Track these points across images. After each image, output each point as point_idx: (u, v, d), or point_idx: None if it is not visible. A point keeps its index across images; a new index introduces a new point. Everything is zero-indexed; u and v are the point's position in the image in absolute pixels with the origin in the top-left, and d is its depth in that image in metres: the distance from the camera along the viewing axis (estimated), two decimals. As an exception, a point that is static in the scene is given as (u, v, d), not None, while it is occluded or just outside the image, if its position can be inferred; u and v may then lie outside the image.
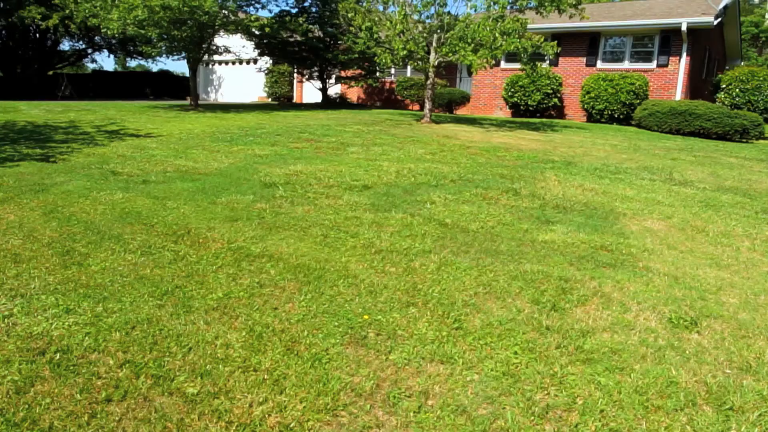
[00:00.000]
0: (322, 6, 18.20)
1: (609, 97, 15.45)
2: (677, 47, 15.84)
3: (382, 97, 22.76)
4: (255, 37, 18.28)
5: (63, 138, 8.89)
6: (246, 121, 12.37)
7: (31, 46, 29.27)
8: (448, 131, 11.21)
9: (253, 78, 27.92)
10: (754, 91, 14.65)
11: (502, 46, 11.23)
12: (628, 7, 19.53)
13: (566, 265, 3.74)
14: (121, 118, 12.30)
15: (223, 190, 5.42)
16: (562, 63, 17.80)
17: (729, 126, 12.47)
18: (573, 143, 10.15)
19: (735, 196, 6.22)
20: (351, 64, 19.02)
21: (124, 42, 28.28)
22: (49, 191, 5.23)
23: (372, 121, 12.90)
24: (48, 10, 22.60)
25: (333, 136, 9.46)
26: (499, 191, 5.75)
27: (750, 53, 35.70)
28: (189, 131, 10.08)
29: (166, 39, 15.50)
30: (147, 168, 6.47)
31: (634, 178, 6.88)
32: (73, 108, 15.11)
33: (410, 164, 7.04)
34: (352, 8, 13.06)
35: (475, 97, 19.68)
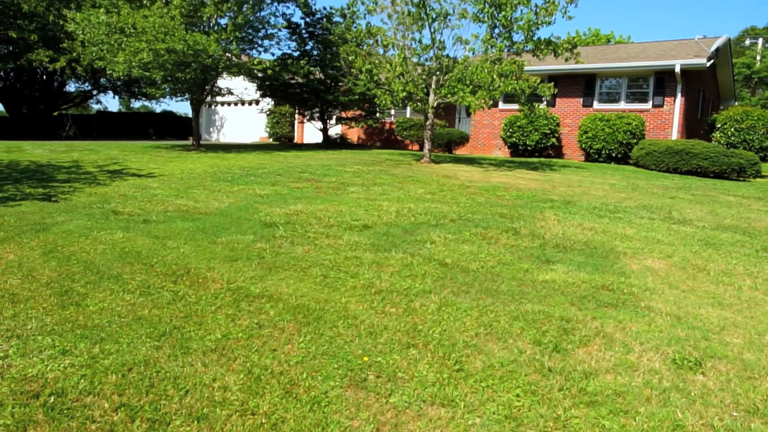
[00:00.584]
0: (324, 49, 18.64)
1: (606, 137, 15.65)
2: (672, 88, 16.15)
3: (382, 138, 23.06)
4: (257, 79, 18.65)
5: (65, 177, 8.96)
6: (247, 161, 12.49)
7: (37, 88, 29.84)
8: (447, 171, 11.30)
9: (254, 119, 28.34)
10: (749, 131, 14.85)
11: (499, 88, 11.44)
12: (623, 49, 20.00)
13: (567, 305, 3.71)
14: (123, 158, 12.42)
15: (223, 230, 5.43)
16: (559, 103, 18.10)
17: (726, 165, 12.59)
18: (571, 182, 10.22)
19: (735, 234, 6.22)
20: (351, 105, 19.35)
21: (129, 83, 28.84)
22: (50, 230, 5.24)
23: (372, 161, 13.02)
24: (56, 53, 23.17)
25: (333, 176, 9.53)
26: (498, 231, 5.76)
27: (743, 94, 36.34)
28: (190, 171, 10.17)
29: (170, 81, 15.81)
30: (148, 207, 6.49)
31: (633, 216, 6.90)
32: (76, 148, 15.28)
33: (410, 204, 7.07)
34: (353, 51, 13.37)
35: (474, 137, 19.93)
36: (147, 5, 14.40)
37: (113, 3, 15.30)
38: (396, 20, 12.61)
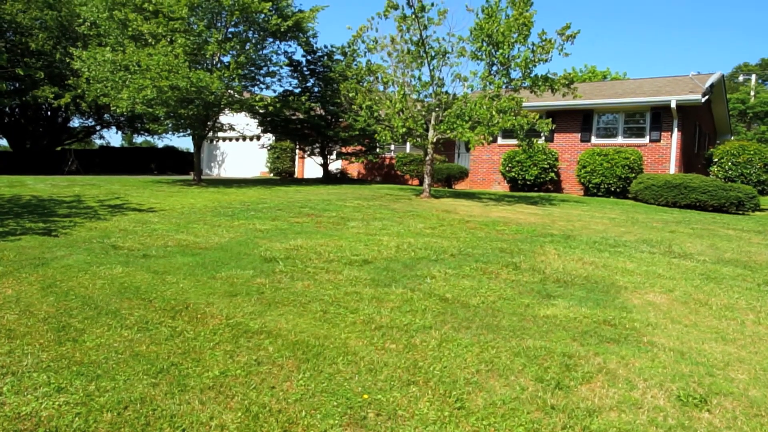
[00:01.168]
0: (325, 86, 18.93)
1: (605, 171, 15.76)
2: (668, 123, 16.35)
3: (382, 173, 23.22)
4: (259, 115, 18.89)
5: (66, 212, 8.98)
6: (248, 195, 12.55)
7: (41, 123, 30.24)
8: (447, 206, 11.34)
9: (255, 154, 28.60)
10: (746, 165, 14.97)
11: (498, 124, 11.59)
12: (619, 86, 20.34)
13: (569, 341, 3.68)
14: (124, 193, 12.48)
15: (223, 265, 5.42)
16: (557, 139, 18.30)
17: (724, 198, 12.64)
18: (571, 217, 10.24)
19: (735, 268, 6.20)
20: (352, 140, 19.54)
21: (132, 119, 29.23)
22: (49, 265, 5.23)
23: (372, 196, 13.08)
24: (61, 90, 23.57)
25: (333, 211, 9.56)
26: (499, 265, 5.75)
27: (739, 128, 36.75)
28: (191, 206, 10.20)
29: (173, 117, 16.02)
30: (148, 242, 6.49)
31: (633, 251, 6.89)
32: (78, 183, 15.37)
33: (410, 239, 7.07)
34: (354, 88, 13.58)
35: (473, 172, 20.07)
36: (152, 44, 14.70)
37: (119, 42, 15.64)
38: (396, 58, 12.87)
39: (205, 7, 14.96)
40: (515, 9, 11.93)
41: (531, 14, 11.76)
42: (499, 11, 12.16)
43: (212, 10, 15.13)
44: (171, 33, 14.65)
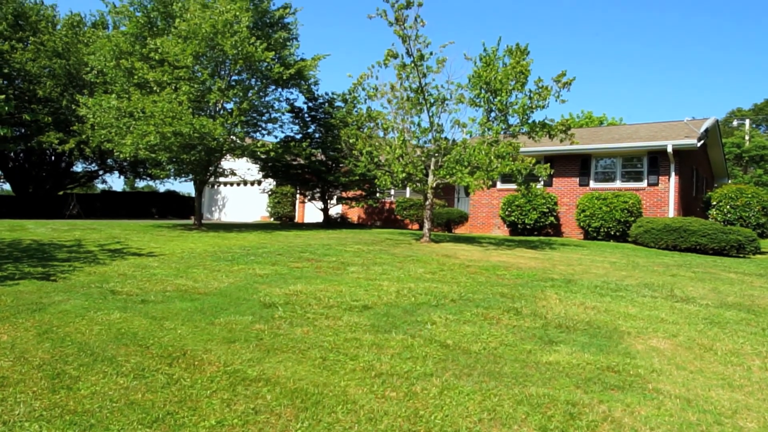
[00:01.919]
0: (325, 132, 19.23)
1: (604, 215, 15.82)
2: (665, 167, 16.53)
3: (382, 217, 23.30)
4: (260, 160, 19.12)
5: (66, 256, 8.96)
6: (248, 240, 12.55)
7: (45, 168, 30.56)
8: (447, 250, 11.33)
9: (256, 198, 28.79)
10: (744, 208, 15.04)
11: (497, 169, 11.70)
12: (615, 131, 20.65)
13: (573, 388, 3.61)
14: (125, 237, 12.49)
15: (222, 311, 5.37)
16: (556, 183, 18.45)
17: (724, 242, 12.64)
18: (572, 261, 10.22)
19: (739, 312, 6.14)
20: (352, 185, 19.71)
21: (135, 164, 29.56)
22: (46, 310, 5.19)
23: (372, 240, 13.08)
24: (66, 136, 23.95)
25: (333, 256, 9.55)
26: (500, 311, 5.70)
27: (736, 171, 37.10)
28: (191, 250, 10.19)
29: (175, 162, 16.21)
30: (147, 287, 6.46)
31: (635, 295, 6.84)
32: (79, 227, 15.40)
33: (410, 284, 7.04)
34: (354, 134, 13.79)
35: (473, 217, 20.14)
36: (157, 91, 15.02)
37: (125, 89, 15.99)
38: (395, 105, 13.11)
39: (210, 56, 15.36)
40: (512, 58, 12.24)
41: (528, 63, 12.06)
42: (497, 60, 12.47)
43: (216, 59, 15.53)
44: (176, 81, 14.99)
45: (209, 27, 14.28)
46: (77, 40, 24.74)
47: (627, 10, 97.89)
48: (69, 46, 24.52)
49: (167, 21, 16.43)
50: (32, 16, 26.47)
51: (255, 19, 16.22)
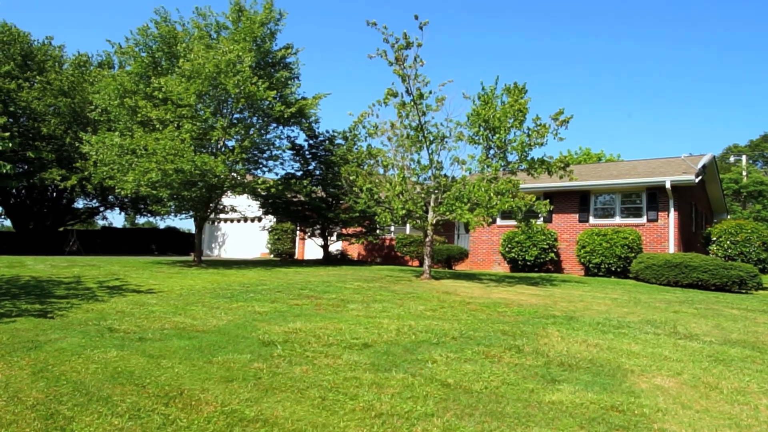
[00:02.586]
0: (326, 169, 19.38)
1: (604, 251, 15.79)
2: (664, 203, 16.59)
3: (383, 254, 23.25)
4: (261, 197, 19.20)
5: (64, 293, 8.91)
6: (247, 277, 12.49)
7: (46, 204, 30.69)
8: (447, 287, 11.27)
9: (256, 235, 28.79)
10: (744, 243, 15.03)
11: (497, 205, 11.74)
12: (614, 167, 20.82)
13: (577, 428, 3.53)
14: (124, 274, 12.44)
15: (220, 349, 5.31)
16: (555, 219, 18.48)
17: (726, 277, 12.58)
18: (573, 297, 10.15)
19: (743, 349, 6.06)
20: (352, 222, 19.74)
21: (136, 201, 29.70)
22: (42, 348, 5.13)
23: (372, 277, 13.03)
24: (68, 172, 24.15)
25: (333, 293, 9.49)
26: (501, 348, 5.63)
27: (734, 207, 37.18)
28: (190, 287, 10.14)
29: (176, 199, 16.29)
30: (145, 325, 6.40)
31: (637, 332, 6.77)
32: (78, 263, 15.36)
33: (411, 321, 6.97)
34: (354, 171, 13.89)
35: (473, 253, 20.10)
36: (159, 129, 15.22)
37: (128, 127, 16.21)
38: (395, 142, 13.26)
39: (212, 95, 15.63)
40: (510, 96, 12.44)
41: (526, 101, 12.25)
42: (495, 98, 12.68)
43: (219, 98, 15.79)
44: (178, 119, 15.21)
45: (213, 67, 14.56)
46: (83, 79, 25.22)
47: (621, 44, 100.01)
48: (75, 84, 24.98)
49: (171, 61, 16.78)
50: (39, 56, 27.07)
51: (257, 59, 16.56)
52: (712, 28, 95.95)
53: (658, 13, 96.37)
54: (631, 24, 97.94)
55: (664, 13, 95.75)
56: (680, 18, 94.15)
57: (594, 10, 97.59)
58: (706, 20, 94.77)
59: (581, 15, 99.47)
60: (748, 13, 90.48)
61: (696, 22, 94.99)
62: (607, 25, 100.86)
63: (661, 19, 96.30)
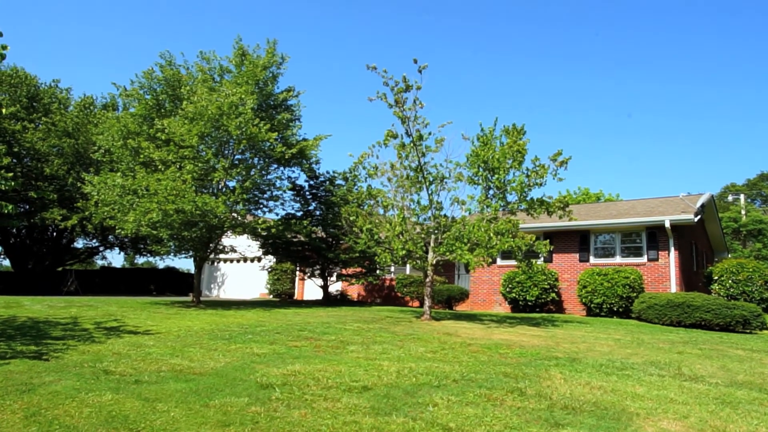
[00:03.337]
0: (326, 209, 19.46)
1: (606, 291, 15.69)
2: (664, 242, 16.58)
3: (383, 294, 23.10)
4: (261, 237, 19.21)
5: (60, 334, 8.81)
6: (246, 318, 12.38)
7: (46, 244, 30.66)
8: (448, 328, 11.15)
9: (255, 275, 28.66)
10: (746, 282, 14.95)
11: (496, 246, 11.73)
12: (613, 207, 20.90)
13: (582, 476, 3.43)
14: (122, 315, 12.32)
15: (217, 392, 5.22)
16: (556, 259, 18.43)
17: (729, 317, 12.47)
18: (575, 338, 10.03)
19: (750, 391, 5.96)
20: (352, 262, 19.69)
21: (135, 241, 29.69)
22: (36, 391, 5.03)
23: (372, 318, 12.91)
24: (69, 212, 24.22)
25: (333, 334, 9.39)
26: (503, 391, 5.53)
27: (735, 246, 37.13)
28: (188, 328, 10.03)
29: (176, 239, 16.29)
30: (141, 367, 6.30)
31: (642, 374, 6.67)
32: (75, 303, 15.23)
33: (411, 363, 6.88)
34: (355, 211, 13.94)
35: (473, 293, 19.97)
36: (161, 170, 15.35)
37: (130, 167, 16.36)
38: (395, 183, 13.35)
39: (214, 137, 15.83)
40: (509, 137, 12.60)
41: (524, 142, 12.40)
42: (494, 139, 12.84)
43: (220, 139, 15.99)
44: (180, 160, 15.37)
45: (215, 109, 14.81)
46: (87, 121, 25.60)
47: (618, 83, 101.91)
48: (79, 126, 25.34)
49: (175, 103, 17.08)
50: (46, 98, 27.56)
51: (259, 101, 16.85)
52: (706, 65, 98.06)
53: (654, 52, 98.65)
54: (627, 63, 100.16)
55: (660, 51, 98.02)
56: (676, 55, 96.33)
57: (591, 48, 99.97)
58: (701, 58, 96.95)
59: (579, 54, 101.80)
60: (744, 52, 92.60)
61: (691, 60, 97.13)
62: (604, 64, 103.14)
63: (656, 57, 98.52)
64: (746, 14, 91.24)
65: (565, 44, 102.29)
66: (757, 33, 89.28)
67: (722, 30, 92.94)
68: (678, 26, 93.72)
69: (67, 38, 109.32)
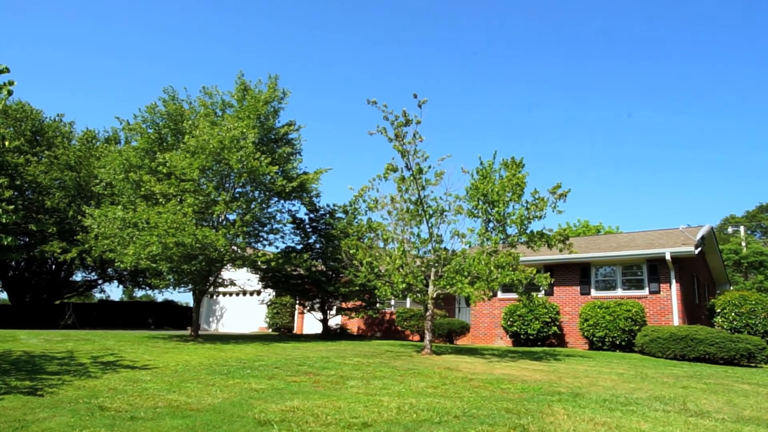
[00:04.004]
0: (326, 242, 19.43)
1: (608, 324, 15.55)
2: (665, 275, 16.52)
3: (383, 328, 22.88)
4: (260, 270, 19.13)
5: (56, 369, 8.69)
6: (244, 352, 12.24)
7: (44, 277, 30.52)
8: (449, 363, 11.01)
9: (255, 309, 28.44)
10: (750, 315, 14.84)
11: (497, 279, 11.68)
12: (613, 239, 20.89)
13: None
14: (119, 349, 12.19)
15: (214, 429, 5.12)
16: (557, 292, 18.33)
17: (734, 350, 12.33)
18: (578, 373, 9.89)
19: (758, 427, 5.84)
20: (352, 296, 19.55)
21: (135, 274, 29.55)
22: (29, 428, 4.94)
23: (372, 352, 12.77)
24: (69, 245, 24.16)
25: (332, 369, 9.27)
26: (506, 428, 5.43)
27: (736, 278, 36.97)
28: (186, 363, 9.91)
29: (176, 272, 16.23)
30: (137, 403, 6.20)
31: (646, 409, 6.55)
32: (72, 337, 15.08)
33: (412, 399, 6.77)
34: (355, 244, 13.92)
35: (474, 327, 19.78)
36: (162, 203, 15.41)
37: (131, 200, 16.42)
38: (395, 216, 13.37)
39: (216, 170, 15.94)
40: (508, 170, 12.70)
41: (523, 176, 12.48)
42: (493, 172, 12.93)
43: (221, 173, 16.10)
44: (181, 193, 15.44)
45: (217, 143, 14.95)
46: (89, 154, 25.80)
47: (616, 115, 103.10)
48: (81, 159, 25.53)
49: (177, 137, 17.26)
50: (50, 132, 27.86)
51: (261, 135, 17.03)
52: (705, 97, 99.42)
53: (654, 84, 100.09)
54: (627, 95, 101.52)
55: (660, 83, 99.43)
56: (675, 88, 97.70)
57: (590, 80, 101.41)
58: (700, 90, 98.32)
59: (577, 86, 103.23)
60: (743, 84, 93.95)
61: (690, 92, 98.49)
62: (602, 96, 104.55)
63: (655, 89, 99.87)
64: (741, 47, 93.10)
65: (564, 75, 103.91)
66: (754, 66, 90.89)
67: (719, 63, 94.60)
68: (676, 57, 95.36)
69: (73, 68, 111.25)
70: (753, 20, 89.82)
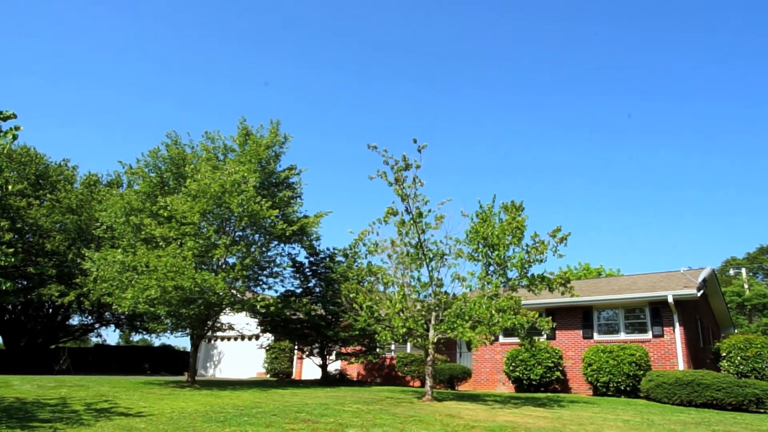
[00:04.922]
0: (326, 286, 19.31)
1: (612, 369, 15.30)
2: (668, 318, 16.36)
3: (383, 373, 22.50)
4: (259, 314, 18.94)
5: (48, 416, 8.50)
6: (242, 399, 12.00)
7: (41, 320, 30.18)
8: (451, 409, 10.78)
9: (253, 353, 28.03)
10: (756, 359, 14.61)
11: (498, 323, 11.55)
12: (614, 282, 20.79)
13: None
14: (113, 395, 11.95)
15: (209, 480, 4.97)
16: (559, 336, 18.11)
17: (742, 396, 12.08)
18: (582, 420, 9.67)
19: (769, 481, 5.67)
20: (352, 340, 19.30)
21: (132, 318, 29.24)
22: (20, 482, 4.80)
23: (372, 399, 12.52)
24: (67, 288, 23.99)
25: (331, 416, 9.07)
26: (510, 478, 5.27)
27: (740, 320, 36.54)
28: (182, 410, 9.70)
29: (174, 316, 16.06)
30: (131, 453, 6.04)
31: (654, 460, 6.37)
32: (66, 383, 14.79)
33: (413, 446, 6.59)
34: (354, 288, 13.84)
35: (476, 372, 19.46)
36: (162, 246, 15.39)
37: (131, 244, 16.41)
38: (396, 260, 13.34)
39: (216, 213, 16.00)
40: (508, 214, 12.75)
41: (523, 219, 12.52)
42: (493, 216, 12.97)
43: (222, 216, 16.15)
44: (182, 236, 15.44)
45: (218, 187, 15.07)
46: (91, 198, 25.95)
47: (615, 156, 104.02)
48: (83, 202, 25.66)
49: (178, 180, 17.41)
50: (54, 176, 28.11)
51: (262, 179, 17.18)
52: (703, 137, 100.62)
53: (651, 124, 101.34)
54: (623, 136, 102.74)
55: (658, 124, 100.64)
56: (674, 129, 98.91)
57: (586, 121, 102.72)
58: (699, 131, 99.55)
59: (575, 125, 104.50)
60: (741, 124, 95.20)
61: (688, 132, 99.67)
62: (600, 136, 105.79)
63: (653, 130, 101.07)
64: (739, 88, 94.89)
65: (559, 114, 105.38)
66: (753, 104, 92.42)
67: (718, 101, 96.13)
68: (676, 97, 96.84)
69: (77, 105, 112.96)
70: (743, 54, 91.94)
